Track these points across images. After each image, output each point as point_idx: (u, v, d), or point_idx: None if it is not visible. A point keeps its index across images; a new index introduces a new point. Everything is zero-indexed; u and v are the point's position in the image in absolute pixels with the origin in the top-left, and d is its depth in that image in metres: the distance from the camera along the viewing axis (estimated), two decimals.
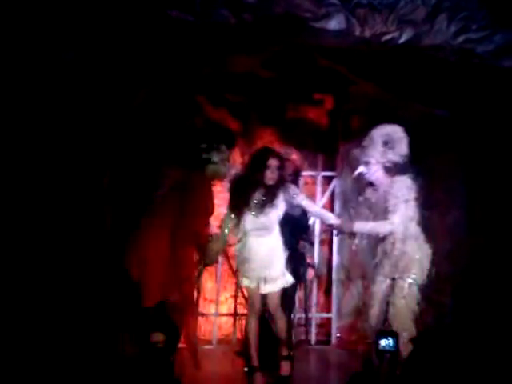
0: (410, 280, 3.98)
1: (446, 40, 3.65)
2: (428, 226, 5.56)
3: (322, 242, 6.08)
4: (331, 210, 5.87)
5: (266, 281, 4.22)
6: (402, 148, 4.01)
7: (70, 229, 3.88)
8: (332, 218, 4.39)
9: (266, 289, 4.25)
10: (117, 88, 4.08)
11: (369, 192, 4.27)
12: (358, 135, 4.99)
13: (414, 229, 4.09)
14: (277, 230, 4.30)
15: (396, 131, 4.03)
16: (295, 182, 4.90)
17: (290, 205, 4.29)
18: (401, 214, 3.97)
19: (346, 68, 4.63)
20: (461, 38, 3.62)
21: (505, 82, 3.80)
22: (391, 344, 1.79)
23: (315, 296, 6.00)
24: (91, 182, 4.09)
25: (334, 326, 5.97)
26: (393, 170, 4.08)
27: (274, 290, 4.27)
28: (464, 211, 5.08)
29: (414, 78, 4.31)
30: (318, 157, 5.96)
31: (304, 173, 5.81)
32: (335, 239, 5.98)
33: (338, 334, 5.97)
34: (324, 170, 6.13)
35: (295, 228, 4.73)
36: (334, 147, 6.07)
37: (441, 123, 4.91)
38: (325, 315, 6.07)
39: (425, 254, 4.08)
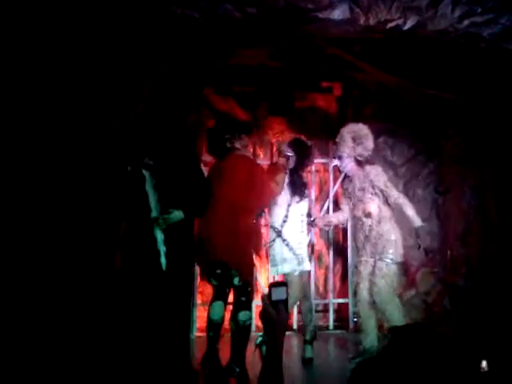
0: (387, 260, 4.47)
1: (451, 24, 3.57)
2: (441, 209, 5.60)
3: (335, 228, 6.11)
4: None
5: (300, 262, 4.62)
6: (368, 143, 4.60)
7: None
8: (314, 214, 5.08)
9: (300, 268, 4.62)
10: (122, 87, 4.14)
11: (346, 183, 4.89)
12: (368, 121, 5.01)
13: (388, 211, 4.58)
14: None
15: (362, 129, 4.63)
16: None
17: None
18: (375, 201, 4.56)
19: (352, 56, 4.60)
20: (466, 22, 3.55)
21: None
22: (282, 293, 1.96)
23: (331, 282, 6.05)
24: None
25: (351, 310, 6.01)
26: (363, 162, 4.68)
27: (307, 269, 4.75)
28: (477, 194, 5.06)
29: (421, 63, 4.28)
30: (330, 144, 5.94)
31: (316, 160, 5.80)
32: (349, 224, 6.00)
33: (355, 319, 6.02)
34: (336, 157, 6.10)
35: None
36: None
37: (451, 106, 4.88)
38: (341, 301, 6.11)
39: (398, 235, 4.53)
